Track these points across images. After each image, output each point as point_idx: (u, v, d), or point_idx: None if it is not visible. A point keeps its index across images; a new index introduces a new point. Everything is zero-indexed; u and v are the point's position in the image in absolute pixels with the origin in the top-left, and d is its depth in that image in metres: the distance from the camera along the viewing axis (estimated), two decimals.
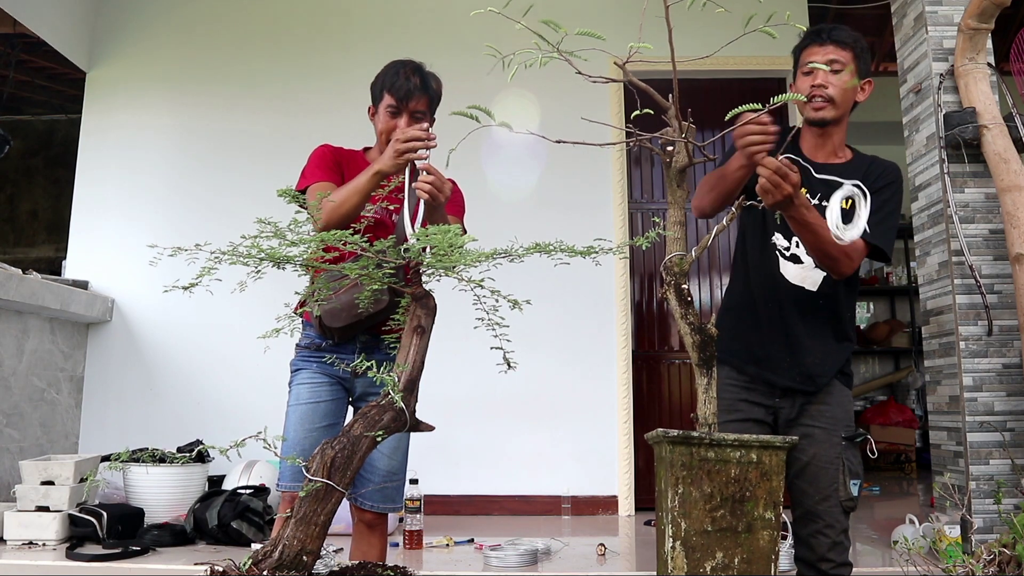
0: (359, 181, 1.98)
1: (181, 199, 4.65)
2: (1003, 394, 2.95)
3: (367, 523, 2.14)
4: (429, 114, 2.22)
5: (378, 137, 2.23)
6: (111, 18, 4.96)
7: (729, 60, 4.37)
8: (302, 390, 2.15)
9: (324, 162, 2.21)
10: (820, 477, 1.90)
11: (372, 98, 2.25)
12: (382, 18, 4.91)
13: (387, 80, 2.18)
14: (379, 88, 2.21)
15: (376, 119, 2.23)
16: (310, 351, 2.17)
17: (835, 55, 1.91)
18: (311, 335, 2.17)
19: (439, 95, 2.25)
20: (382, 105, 2.19)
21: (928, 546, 2.96)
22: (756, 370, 1.96)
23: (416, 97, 2.18)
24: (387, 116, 2.18)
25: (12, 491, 3.56)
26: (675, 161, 1.42)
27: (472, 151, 4.47)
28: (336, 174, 2.18)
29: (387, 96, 2.17)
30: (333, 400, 2.16)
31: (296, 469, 2.07)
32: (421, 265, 1.42)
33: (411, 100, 2.17)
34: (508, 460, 4.41)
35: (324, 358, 2.13)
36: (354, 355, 2.14)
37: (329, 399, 2.15)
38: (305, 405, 2.13)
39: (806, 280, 1.95)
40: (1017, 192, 2.82)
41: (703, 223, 4.74)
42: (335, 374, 2.15)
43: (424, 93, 2.19)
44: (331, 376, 2.16)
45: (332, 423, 2.13)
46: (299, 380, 2.17)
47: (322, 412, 2.13)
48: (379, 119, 2.21)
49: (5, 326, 3.90)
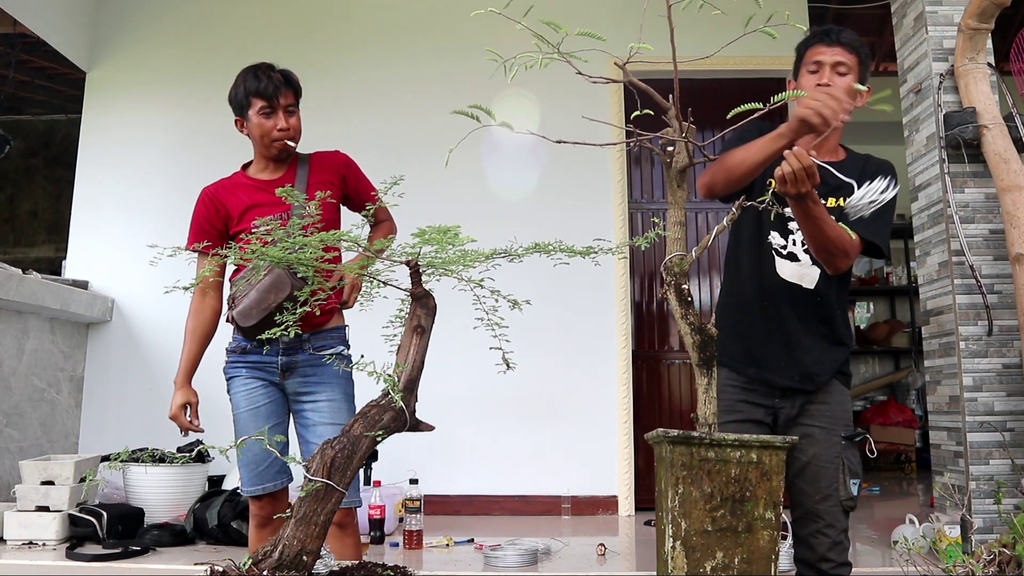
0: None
1: (181, 199, 4.60)
2: (1003, 394, 2.94)
3: (336, 524, 2.13)
4: (297, 107, 2.28)
5: (258, 142, 2.26)
6: (111, 18, 4.96)
7: (729, 60, 4.36)
8: (239, 398, 2.21)
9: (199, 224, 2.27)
10: (820, 477, 1.90)
11: (236, 110, 2.27)
12: (382, 19, 4.91)
13: (249, 86, 2.22)
14: (243, 96, 2.24)
15: (249, 127, 2.26)
16: (237, 355, 2.23)
17: (842, 58, 1.91)
18: (237, 338, 2.22)
19: (300, 87, 2.31)
20: (252, 112, 2.23)
21: (928, 546, 2.96)
22: (755, 371, 1.96)
23: (283, 92, 2.23)
24: (261, 118, 2.22)
25: (12, 491, 3.56)
26: (675, 161, 1.42)
27: (472, 151, 4.49)
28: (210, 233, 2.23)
29: (256, 100, 2.21)
30: (271, 401, 2.22)
31: (253, 473, 2.17)
32: (420, 265, 1.42)
33: (280, 96, 2.22)
34: (508, 460, 4.41)
35: (251, 362, 2.20)
36: (277, 357, 2.19)
37: (267, 401, 2.21)
38: (246, 412, 2.19)
39: (804, 278, 1.95)
40: (1017, 192, 2.82)
41: (703, 223, 4.75)
42: (265, 377, 2.21)
43: (288, 87, 2.25)
44: (262, 379, 2.21)
45: (276, 423, 2.20)
46: (234, 388, 2.23)
47: (264, 415, 2.19)
48: (253, 125, 2.24)
49: (5, 326, 3.90)
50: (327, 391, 2.21)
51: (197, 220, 2.28)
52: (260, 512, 2.20)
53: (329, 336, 2.25)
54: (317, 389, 2.21)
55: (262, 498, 2.18)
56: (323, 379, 2.20)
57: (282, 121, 2.22)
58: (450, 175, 4.28)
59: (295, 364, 2.20)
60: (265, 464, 2.16)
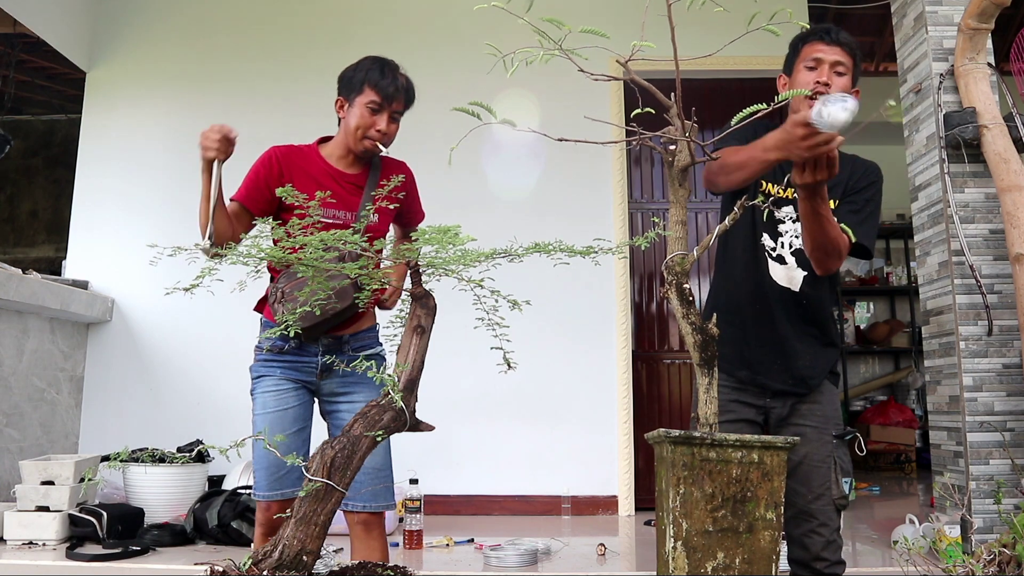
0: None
1: (181, 199, 4.64)
2: (1003, 394, 2.94)
3: (364, 524, 2.10)
4: (402, 115, 2.22)
5: (350, 132, 2.17)
6: (111, 18, 4.96)
7: (729, 60, 4.37)
8: (268, 398, 2.12)
9: (254, 180, 2.17)
10: (813, 476, 1.91)
11: (344, 90, 2.19)
12: (383, 18, 4.91)
13: (372, 76, 2.15)
14: (359, 82, 2.16)
15: (349, 112, 2.17)
16: (273, 354, 2.14)
17: (841, 58, 1.91)
18: (272, 337, 2.11)
19: (415, 99, 2.25)
20: (361, 100, 2.15)
21: (928, 546, 2.96)
22: (748, 374, 1.96)
23: (399, 98, 2.17)
24: (367, 112, 2.14)
25: (12, 491, 3.56)
26: (677, 160, 1.42)
27: (472, 150, 4.49)
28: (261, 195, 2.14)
29: (371, 92, 2.14)
30: (300, 404, 2.14)
31: (272, 478, 2.07)
32: (420, 265, 1.42)
33: (395, 100, 2.16)
34: (508, 460, 4.41)
35: (287, 361, 2.12)
36: (317, 357, 2.14)
37: (296, 404, 2.13)
38: (273, 413, 2.10)
39: (792, 281, 1.96)
40: (1017, 192, 2.81)
41: (704, 222, 4.75)
42: (299, 378, 2.14)
43: (405, 96, 2.20)
44: (295, 380, 2.13)
45: (301, 427, 2.12)
46: (263, 388, 2.14)
47: (291, 418, 2.11)
48: (355, 113, 2.16)
49: (5, 326, 3.90)
50: (365, 391, 2.14)
51: (254, 177, 2.17)
52: (269, 519, 2.10)
53: (367, 336, 2.21)
54: (355, 389, 2.15)
55: (273, 504, 2.09)
56: (362, 379, 2.13)
57: (384, 123, 2.15)
58: (450, 174, 4.28)
59: (335, 365, 2.12)
60: (287, 469, 2.07)
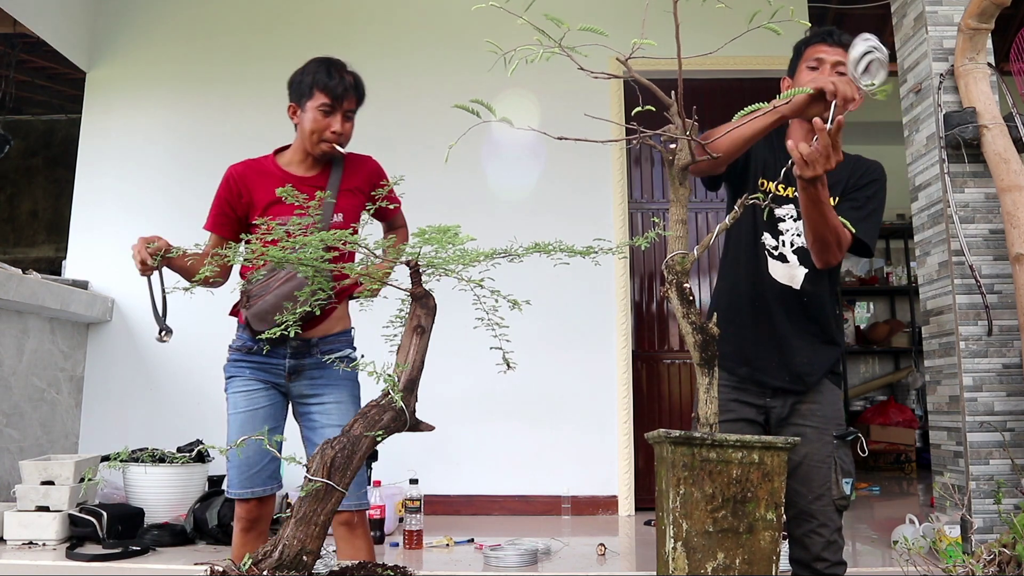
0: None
1: (181, 199, 4.65)
2: (1003, 394, 2.94)
3: (347, 525, 2.11)
4: (355, 113, 2.22)
5: (306, 136, 2.17)
6: (111, 18, 4.96)
7: (730, 60, 4.37)
8: (238, 398, 2.16)
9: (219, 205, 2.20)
10: (813, 476, 1.91)
11: (295, 97, 2.20)
12: (383, 18, 4.91)
13: (319, 79, 2.15)
14: (308, 86, 2.16)
15: (302, 117, 2.18)
16: (241, 353, 2.17)
17: (843, 58, 1.91)
18: (244, 337, 2.17)
19: (365, 94, 2.25)
20: (312, 104, 2.15)
21: (928, 546, 2.95)
22: (747, 371, 1.97)
23: (349, 96, 2.18)
24: (319, 115, 2.15)
25: (12, 491, 3.56)
26: (678, 159, 1.42)
27: (472, 150, 4.49)
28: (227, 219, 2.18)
29: (321, 95, 2.14)
30: (271, 404, 2.17)
31: (243, 476, 2.11)
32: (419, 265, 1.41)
33: (345, 99, 2.16)
34: (508, 460, 4.41)
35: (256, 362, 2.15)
36: (284, 359, 2.15)
37: (267, 404, 2.16)
38: (244, 413, 2.14)
39: (794, 279, 1.97)
40: (1017, 192, 2.81)
41: (704, 222, 4.74)
42: (268, 379, 2.16)
43: (355, 93, 2.20)
44: (264, 381, 2.16)
45: (273, 427, 2.14)
46: (234, 388, 2.17)
47: (261, 418, 2.14)
48: (308, 118, 2.16)
49: (5, 326, 3.89)
50: (334, 393, 2.17)
51: (218, 202, 2.21)
52: (247, 516, 2.15)
53: (337, 340, 2.21)
54: (324, 391, 2.18)
55: (249, 501, 2.14)
56: (330, 381, 2.17)
57: (338, 124, 2.15)
58: (450, 174, 4.28)
59: (303, 367, 2.16)
60: (257, 468, 2.12)
